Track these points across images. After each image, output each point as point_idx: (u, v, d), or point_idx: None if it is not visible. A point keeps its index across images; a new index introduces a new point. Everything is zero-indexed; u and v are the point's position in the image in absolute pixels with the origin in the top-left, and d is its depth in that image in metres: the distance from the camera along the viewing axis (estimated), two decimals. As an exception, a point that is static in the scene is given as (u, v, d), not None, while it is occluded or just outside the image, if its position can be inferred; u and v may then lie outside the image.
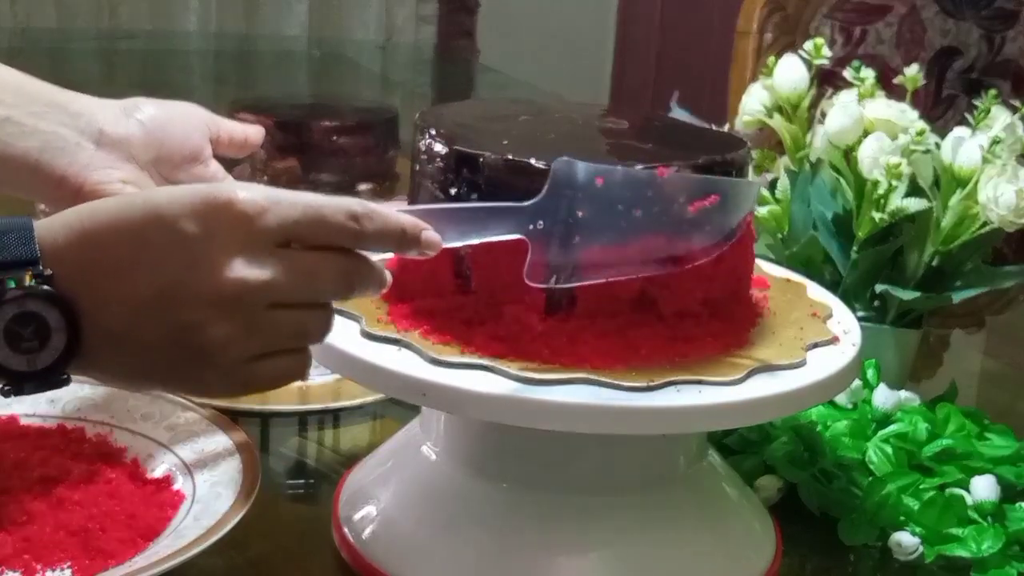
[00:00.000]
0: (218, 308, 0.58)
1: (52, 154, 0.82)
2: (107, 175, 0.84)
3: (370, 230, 0.61)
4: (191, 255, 0.58)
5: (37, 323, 0.57)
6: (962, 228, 0.96)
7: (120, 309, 0.58)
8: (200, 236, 0.58)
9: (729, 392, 0.67)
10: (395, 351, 0.69)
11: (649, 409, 0.66)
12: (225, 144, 0.92)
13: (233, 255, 0.58)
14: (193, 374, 0.60)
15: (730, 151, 0.74)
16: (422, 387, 0.67)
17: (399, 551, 0.75)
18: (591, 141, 0.79)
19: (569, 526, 0.73)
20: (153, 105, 0.88)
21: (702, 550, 0.75)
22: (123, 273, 0.58)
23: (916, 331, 1.02)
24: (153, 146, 0.86)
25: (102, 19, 3.09)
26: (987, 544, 0.80)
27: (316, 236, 0.60)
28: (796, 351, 0.72)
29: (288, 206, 0.59)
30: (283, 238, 0.59)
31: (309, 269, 0.60)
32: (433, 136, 0.73)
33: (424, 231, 0.62)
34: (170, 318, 0.58)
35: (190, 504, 0.76)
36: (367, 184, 1.49)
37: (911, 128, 0.96)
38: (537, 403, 0.65)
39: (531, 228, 0.64)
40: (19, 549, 0.71)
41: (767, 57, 1.07)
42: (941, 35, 1.71)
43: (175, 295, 0.58)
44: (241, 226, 0.58)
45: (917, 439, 0.90)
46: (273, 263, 0.59)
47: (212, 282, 0.58)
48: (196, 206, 0.58)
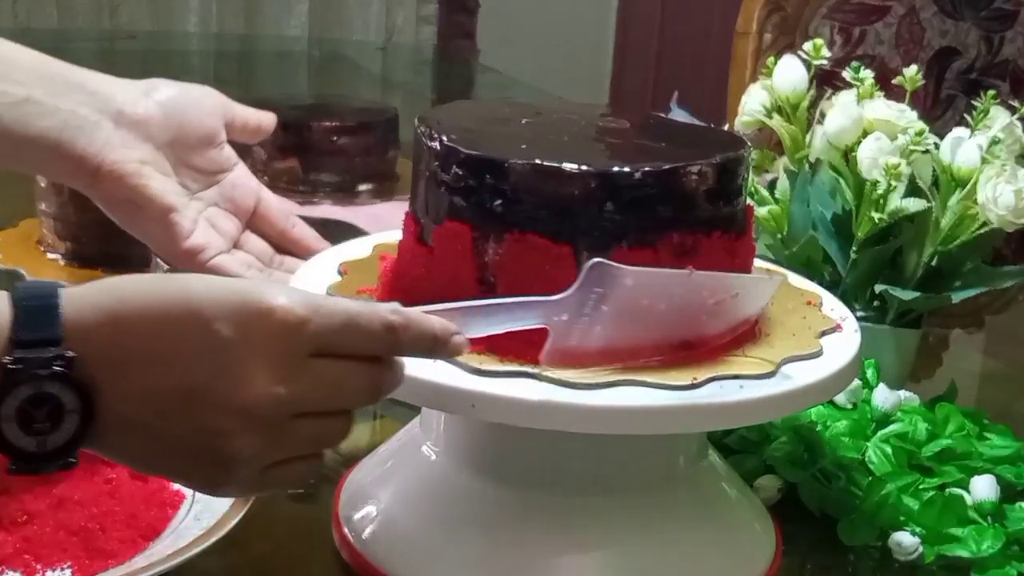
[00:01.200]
0: (245, 420, 0.56)
1: (72, 133, 0.83)
2: (125, 155, 0.85)
3: (404, 340, 0.59)
4: (224, 361, 0.55)
5: (51, 405, 0.55)
6: (961, 228, 0.96)
7: (142, 401, 0.56)
8: (236, 342, 0.55)
9: (769, 386, 0.68)
10: (430, 363, 0.67)
11: (700, 407, 0.66)
12: (239, 129, 0.92)
13: (267, 368, 0.56)
14: (208, 474, 0.58)
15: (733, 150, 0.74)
16: (470, 398, 0.66)
17: (399, 551, 0.75)
18: (604, 143, 0.79)
19: (569, 526, 0.73)
20: (171, 87, 0.89)
21: (702, 550, 0.75)
22: (150, 366, 0.56)
23: (916, 331, 1.02)
24: (170, 127, 0.87)
25: (103, 19, 3.09)
26: (987, 544, 0.80)
27: (351, 346, 0.58)
28: (802, 349, 0.73)
29: (327, 316, 0.57)
30: (318, 349, 0.57)
31: (339, 380, 0.58)
32: (449, 141, 0.71)
33: (454, 336, 0.61)
34: (195, 420, 0.56)
35: (190, 504, 0.76)
36: (367, 184, 1.49)
37: (910, 128, 0.96)
38: (591, 409, 0.65)
39: (555, 319, 0.65)
40: (19, 549, 0.71)
41: (767, 57, 1.07)
42: (940, 36, 1.71)
43: (203, 399, 0.56)
44: (279, 337, 0.56)
45: (917, 439, 0.90)
46: (304, 376, 0.57)
47: (242, 393, 0.56)
48: (235, 309, 0.56)
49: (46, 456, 0.56)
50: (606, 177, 0.68)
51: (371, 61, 2.99)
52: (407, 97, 2.48)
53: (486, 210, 0.69)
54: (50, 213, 1.17)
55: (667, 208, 0.69)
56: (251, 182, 0.93)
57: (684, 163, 0.70)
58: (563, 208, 0.68)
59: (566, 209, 0.68)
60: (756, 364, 0.70)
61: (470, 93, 2.71)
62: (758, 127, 1.05)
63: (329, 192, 1.46)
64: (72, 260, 1.16)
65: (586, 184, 0.68)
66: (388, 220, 0.91)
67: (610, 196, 0.68)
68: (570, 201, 0.68)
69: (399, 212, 0.79)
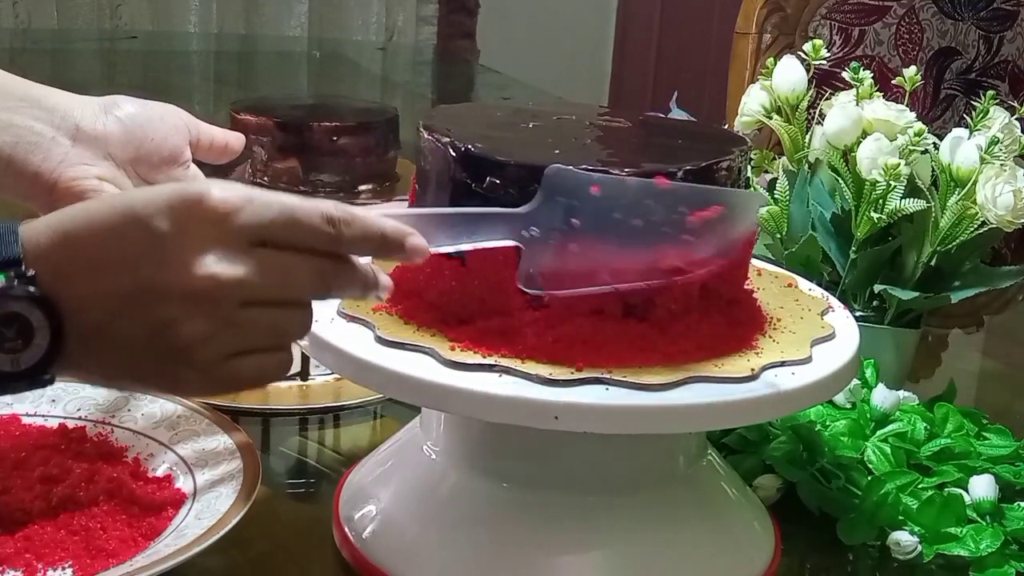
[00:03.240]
0: (191, 304, 0.58)
1: (26, 149, 0.81)
2: (83, 171, 0.83)
3: (347, 235, 0.60)
4: (163, 252, 0.58)
5: (20, 323, 0.57)
6: (960, 228, 0.97)
7: (99, 307, 0.58)
8: (172, 233, 0.58)
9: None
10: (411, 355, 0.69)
11: (699, 406, 0.66)
12: (205, 149, 0.90)
13: (205, 252, 0.58)
14: (170, 371, 0.60)
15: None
16: (554, 410, 0.66)
17: (399, 550, 0.75)
18: (625, 145, 0.80)
19: (569, 526, 0.73)
20: (133, 104, 0.87)
21: (702, 549, 0.76)
22: (100, 271, 0.58)
23: (915, 331, 1.02)
24: (131, 144, 0.85)
25: (103, 20, 3.09)
26: (985, 543, 0.81)
27: (290, 238, 0.60)
28: (802, 349, 0.73)
29: (262, 206, 0.59)
30: (257, 238, 0.59)
31: (283, 268, 0.60)
32: (479, 150, 0.70)
33: (409, 236, 0.62)
34: (146, 315, 0.58)
35: (191, 503, 0.76)
36: (368, 185, 1.49)
37: (909, 129, 0.96)
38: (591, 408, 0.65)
39: (524, 235, 0.64)
40: (20, 548, 0.71)
41: (766, 58, 1.08)
42: (939, 36, 1.71)
43: (149, 292, 0.58)
44: (213, 223, 0.58)
45: (916, 439, 0.90)
46: (245, 260, 0.59)
47: (184, 278, 0.58)
48: (169, 203, 0.58)
49: (21, 374, 0.58)
50: (649, 178, 0.68)
51: (371, 61, 2.99)
52: (407, 97, 2.49)
53: None
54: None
55: (686, 207, 0.70)
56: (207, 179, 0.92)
57: (716, 159, 0.71)
58: None
59: None
60: (740, 366, 0.69)
61: (470, 93, 2.71)
62: (758, 127, 1.05)
63: (329, 192, 1.46)
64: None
65: None
66: (388, 220, 0.91)
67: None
68: None
69: (399, 212, 0.79)
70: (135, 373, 0.61)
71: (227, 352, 0.60)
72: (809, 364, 0.72)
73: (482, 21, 3.45)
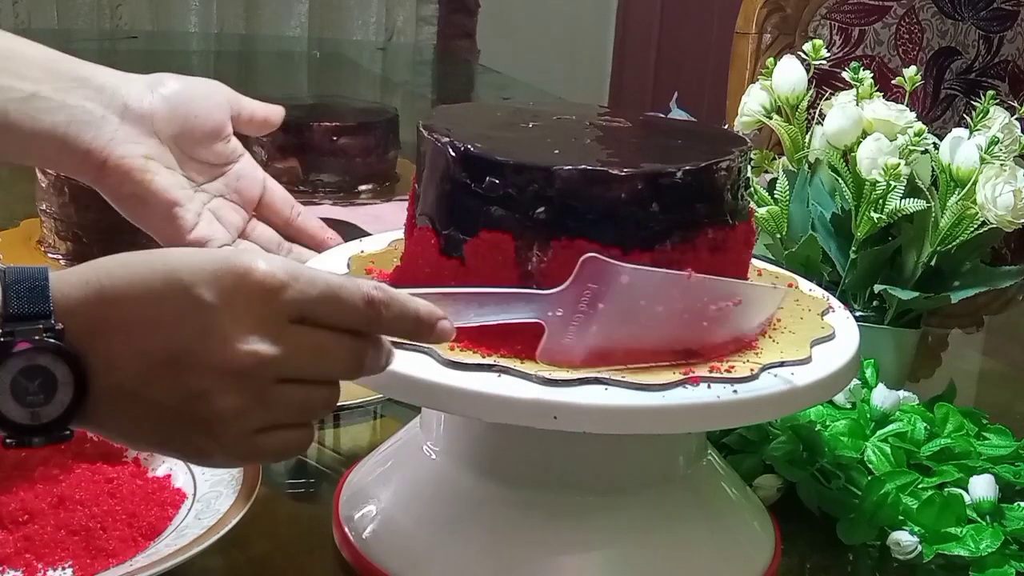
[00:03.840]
0: (227, 379, 0.57)
1: (78, 128, 0.84)
2: (130, 149, 0.85)
3: (386, 317, 0.60)
4: (205, 323, 0.57)
5: (44, 377, 0.56)
6: (960, 228, 0.97)
7: (130, 369, 0.57)
8: (216, 305, 0.57)
9: (739, 390, 0.68)
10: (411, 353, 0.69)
11: (698, 406, 0.66)
12: (246, 122, 0.93)
13: (247, 328, 0.57)
14: (195, 441, 0.59)
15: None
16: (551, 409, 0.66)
17: (399, 550, 0.75)
18: (626, 144, 0.80)
19: (569, 526, 0.73)
20: (177, 80, 0.89)
21: (702, 549, 0.76)
22: (136, 333, 0.57)
23: (915, 331, 1.02)
24: (176, 121, 0.88)
25: (103, 19, 3.09)
26: (985, 543, 0.81)
27: (331, 317, 0.59)
28: (802, 349, 0.73)
29: (307, 284, 0.59)
30: (298, 315, 0.59)
31: (321, 347, 0.59)
32: (477, 150, 0.70)
33: (439, 320, 0.62)
34: (179, 384, 0.57)
35: (191, 503, 0.76)
36: (367, 184, 1.49)
37: (909, 129, 0.96)
38: (591, 408, 0.65)
39: (550, 315, 0.65)
40: (20, 548, 0.71)
41: (766, 58, 1.08)
42: (939, 36, 1.71)
43: (186, 361, 0.57)
44: (258, 299, 0.58)
45: (916, 439, 0.90)
46: (286, 339, 0.58)
47: (223, 352, 0.57)
48: (215, 273, 0.57)
49: (40, 428, 0.57)
50: (651, 178, 0.69)
51: (371, 61, 2.99)
52: (407, 97, 2.49)
53: (529, 218, 0.69)
54: (51, 213, 1.17)
55: (702, 204, 0.71)
56: (257, 172, 0.94)
57: (716, 159, 0.71)
58: (611, 211, 0.68)
59: (614, 212, 0.68)
60: (737, 367, 0.70)
61: (470, 93, 2.71)
62: (758, 127, 1.05)
63: (329, 192, 1.47)
64: (73, 260, 1.16)
65: (634, 186, 0.68)
66: (388, 220, 0.91)
67: (655, 196, 0.69)
68: (618, 204, 0.68)
69: (399, 212, 0.78)
70: (156, 438, 0.60)
71: (255, 427, 0.59)
72: (809, 364, 0.72)
73: (482, 21, 3.45)
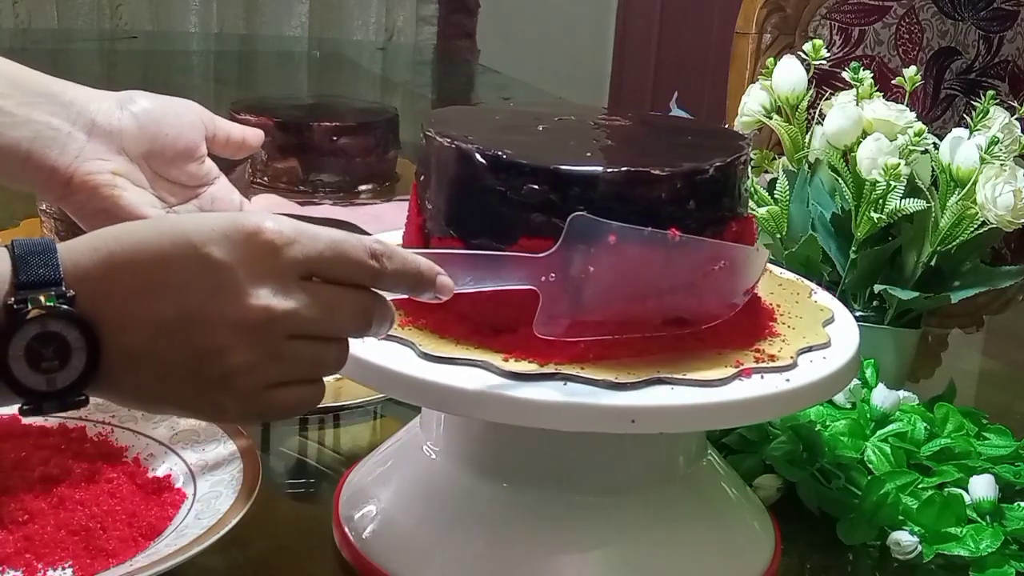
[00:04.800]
0: (241, 334, 0.58)
1: (43, 143, 0.82)
2: (97, 166, 0.84)
3: (389, 269, 0.61)
4: (216, 280, 0.58)
5: (58, 343, 0.57)
6: (960, 228, 0.97)
7: (142, 331, 0.58)
8: (226, 262, 0.58)
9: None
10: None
11: (697, 406, 0.67)
12: (222, 144, 0.91)
13: (258, 283, 0.58)
14: (211, 398, 0.60)
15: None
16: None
17: (399, 550, 0.75)
18: (643, 144, 0.81)
19: (569, 526, 0.73)
20: (148, 99, 0.87)
21: (701, 549, 0.76)
22: (147, 295, 0.58)
23: (915, 331, 1.02)
24: (145, 139, 0.86)
25: (103, 19, 3.09)
26: (985, 543, 0.81)
27: (337, 271, 0.60)
28: (789, 355, 0.72)
29: (312, 239, 0.60)
30: (306, 271, 0.59)
31: (331, 303, 0.60)
32: (509, 157, 0.70)
33: (439, 275, 0.63)
34: (192, 342, 0.58)
35: (191, 503, 0.76)
36: (367, 184, 1.49)
37: (909, 129, 0.96)
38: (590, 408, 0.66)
39: (543, 280, 0.65)
40: (20, 548, 0.71)
41: (766, 57, 1.08)
42: (939, 36, 1.71)
43: (199, 319, 0.58)
44: (268, 255, 0.58)
45: (916, 439, 0.90)
46: (297, 294, 0.59)
47: (236, 308, 0.58)
48: (224, 232, 0.58)
49: (55, 394, 0.58)
50: (688, 176, 0.70)
51: (371, 61, 2.99)
52: (407, 97, 2.49)
53: None
54: (51, 213, 1.17)
55: (727, 198, 0.73)
56: (233, 196, 0.91)
57: (736, 154, 0.73)
58: (652, 211, 0.69)
59: (655, 212, 0.69)
60: (718, 367, 0.70)
61: (470, 93, 2.71)
62: (758, 127, 1.05)
63: (329, 192, 1.47)
64: (73, 260, 1.16)
65: (673, 185, 0.70)
66: (389, 220, 0.91)
67: (692, 194, 0.70)
68: (658, 203, 0.69)
69: (399, 212, 0.78)
70: (173, 398, 0.61)
71: (268, 382, 0.60)
72: (805, 366, 0.72)
73: (482, 21, 3.45)
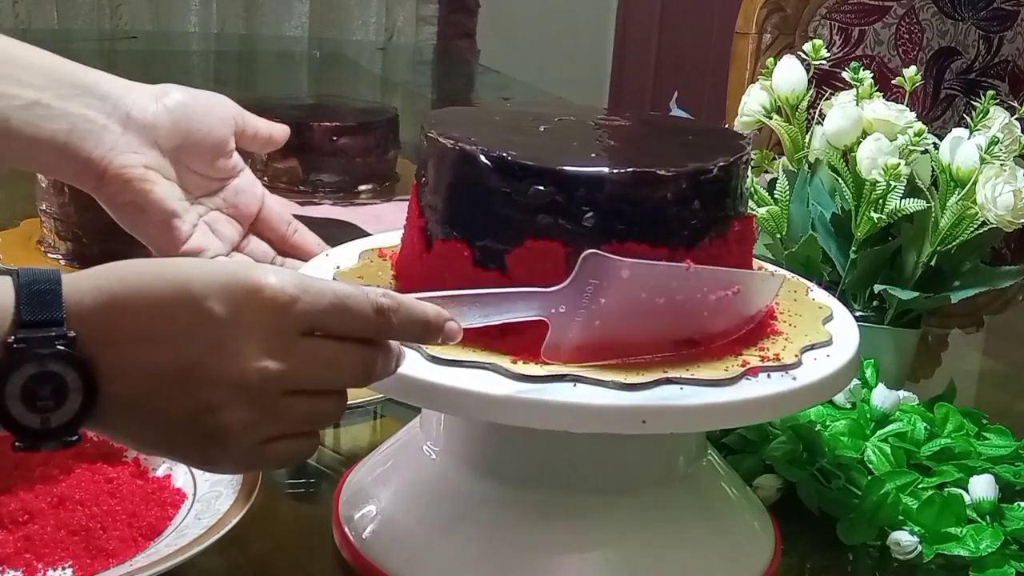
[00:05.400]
0: (237, 393, 0.58)
1: (80, 136, 0.83)
2: (131, 159, 0.85)
3: (395, 324, 0.61)
4: (215, 337, 0.57)
5: (55, 383, 0.57)
6: (960, 228, 0.97)
7: (140, 379, 0.58)
8: (226, 320, 0.57)
9: (724, 392, 0.68)
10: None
11: (698, 406, 0.67)
12: (250, 139, 0.92)
13: (257, 342, 0.58)
14: (203, 450, 0.60)
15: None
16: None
17: (399, 550, 0.75)
18: (645, 144, 0.81)
19: (569, 526, 0.73)
20: (182, 92, 0.89)
21: (701, 549, 0.76)
22: (147, 343, 0.58)
23: (915, 331, 1.02)
24: (178, 134, 0.87)
25: (103, 19, 3.09)
26: (985, 543, 0.81)
27: (341, 327, 0.60)
28: (792, 353, 0.73)
29: (317, 295, 0.59)
30: (308, 327, 0.59)
31: (329, 359, 0.60)
32: (514, 158, 0.70)
33: (447, 323, 0.62)
34: (189, 395, 0.58)
35: (191, 503, 0.76)
36: (367, 184, 1.49)
37: (909, 129, 0.96)
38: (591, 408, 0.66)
39: (553, 312, 0.65)
40: (20, 548, 0.71)
41: (766, 57, 1.08)
42: (939, 36, 1.71)
43: (196, 374, 0.58)
44: (268, 314, 0.58)
45: (916, 439, 0.90)
46: (296, 352, 0.59)
47: (234, 367, 0.58)
48: (226, 287, 0.58)
49: (49, 433, 0.58)
50: (694, 176, 0.70)
51: (371, 61, 2.99)
52: (407, 97, 2.49)
53: (579, 224, 0.69)
54: (51, 213, 1.17)
55: (729, 198, 0.73)
56: (256, 188, 0.93)
57: (739, 153, 0.74)
58: (659, 212, 0.69)
59: (661, 212, 0.70)
60: (722, 369, 0.70)
61: (470, 93, 2.71)
62: (758, 127, 1.05)
63: (329, 192, 1.47)
64: (73, 260, 1.16)
65: (679, 185, 0.70)
66: (388, 220, 0.91)
67: (697, 194, 0.70)
68: (664, 204, 0.70)
69: (399, 212, 0.78)
70: (165, 445, 0.61)
71: (263, 438, 0.60)
72: (809, 364, 0.72)
73: (482, 21, 3.45)
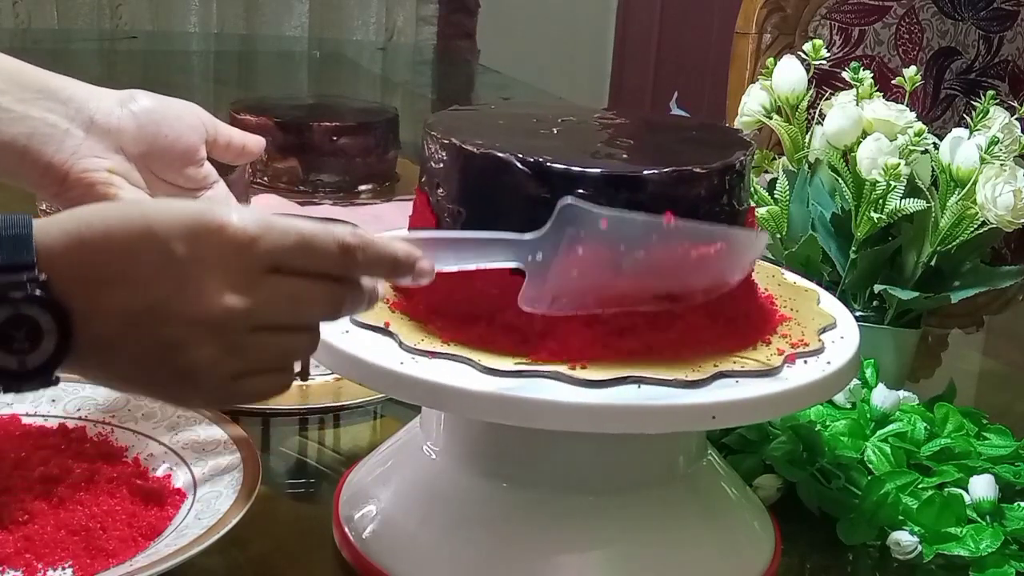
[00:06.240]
0: (202, 330, 0.59)
1: (40, 140, 0.82)
2: (94, 163, 0.83)
3: (361, 260, 0.61)
4: (179, 277, 0.58)
5: (29, 326, 0.57)
6: (960, 228, 0.97)
7: (110, 319, 0.59)
8: (189, 258, 0.58)
9: (772, 384, 0.69)
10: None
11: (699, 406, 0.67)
12: (222, 149, 0.90)
13: (220, 280, 0.58)
14: (174, 388, 0.61)
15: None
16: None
17: (399, 550, 0.75)
18: (657, 143, 0.82)
19: (569, 526, 0.73)
20: (149, 98, 0.87)
21: (702, 549, 0.76)
22: (114, 285, 0.58)
23: (915, 331, 1.02)
24: (144, 140, 0.85)
25: (103, 19, 3.09)
26: (985, 543, 0.81)
27: (306, 264, 0.60)
28: (774, 356, 0.72)
29: (280, 234, 0.59)
30: (272, 265, 0.60)
31: (295, 295, 0.60)
32: (548, 162, 0.70)
33: (418, 260, 0.63)
34: (157, 335, 0.59)
35: (191, 503, 0.76)
36: (367, 184, 1.49)
37: (909, 129, 0.96)
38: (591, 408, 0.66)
39: (530, 259, 0.65)
40: (20, 548, 0.71)
41: (766, 57, 1.08)
42: (939, 36, 1.71)
43: (161, 313, 0.58)
44: (231, 252, 0.59)
45: (916, 439, 0.90)
46: (259, 290, 0.59)
47: (197, 305, 0.58)
48: (189, 227, 0.58)
49: (27, 374, 0.59)
50: (723, 172, 0.73)
51: (371, 61, 2.99)
52: (407, 97, 2.49)
53: None
54: (51, 213, 1.17)
55: (745, 191, 0.76)
56: (230, 202, 0.90)
57: (746, 149, 0.76)
58: (693, 209, 0.71)
59: (696, 209, 0.71)
60: (755, 363, 0.70)
61: (470, 93, 2.71)
62: (758, 127, 1.05)
63: (329, 192, 1.47)
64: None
65: (711, 181, 0.72)
66: (388, 220, 0.91)
67: (727, 189, 0.73)
68: (699, 201, 0.71)
69: (399, 212, 0.78)
70: (139, 382, 0.62)
71: (232, 374, 0.60)
72: (809, 364, 0.72)
73: (482, 21, 3.45)
